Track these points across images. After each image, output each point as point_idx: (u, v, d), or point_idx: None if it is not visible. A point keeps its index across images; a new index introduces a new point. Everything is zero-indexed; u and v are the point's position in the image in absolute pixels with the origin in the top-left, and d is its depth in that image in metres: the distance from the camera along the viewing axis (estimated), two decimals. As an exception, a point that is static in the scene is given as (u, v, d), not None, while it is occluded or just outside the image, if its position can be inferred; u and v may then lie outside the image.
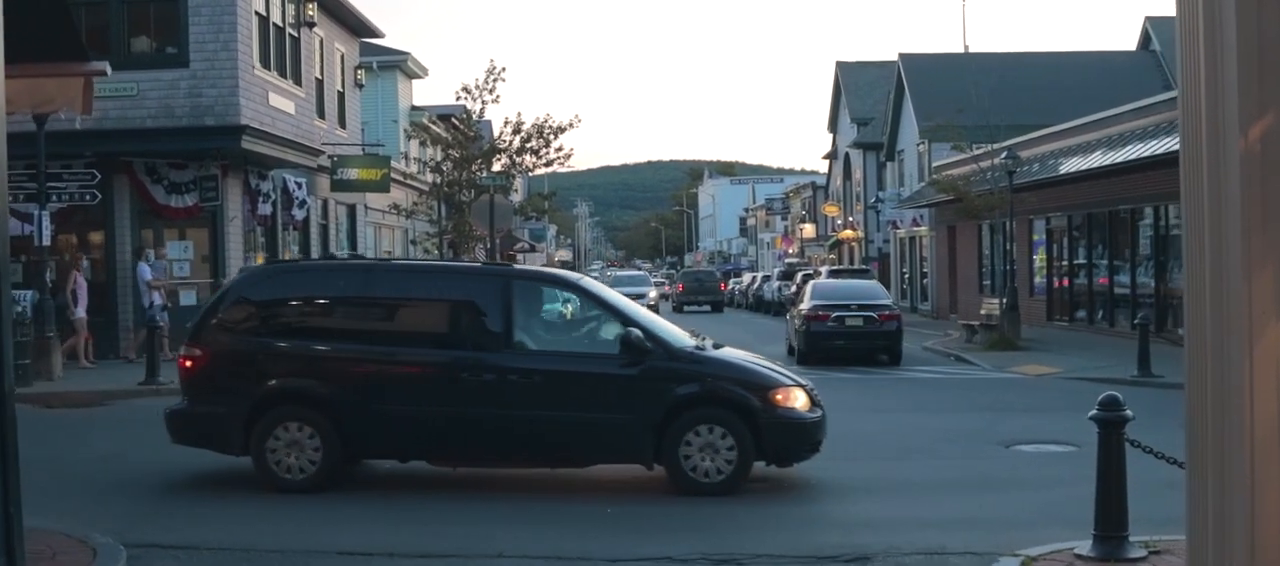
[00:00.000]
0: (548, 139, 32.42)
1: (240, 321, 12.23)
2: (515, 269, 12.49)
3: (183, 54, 23.89)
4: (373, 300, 12.34)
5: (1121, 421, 8.60)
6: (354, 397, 11.69)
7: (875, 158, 62.28)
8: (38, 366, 20.68)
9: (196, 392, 12.16)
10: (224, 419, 11.87)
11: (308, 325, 12.37)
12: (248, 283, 12.88)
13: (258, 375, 11.93)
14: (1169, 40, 53.91)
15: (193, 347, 12.14)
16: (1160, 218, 29.89)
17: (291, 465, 11.66)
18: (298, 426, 11.66)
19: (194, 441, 12.35)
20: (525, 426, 11.69)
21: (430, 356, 11.95)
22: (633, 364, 11.67)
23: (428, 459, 12.23)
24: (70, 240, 25.52)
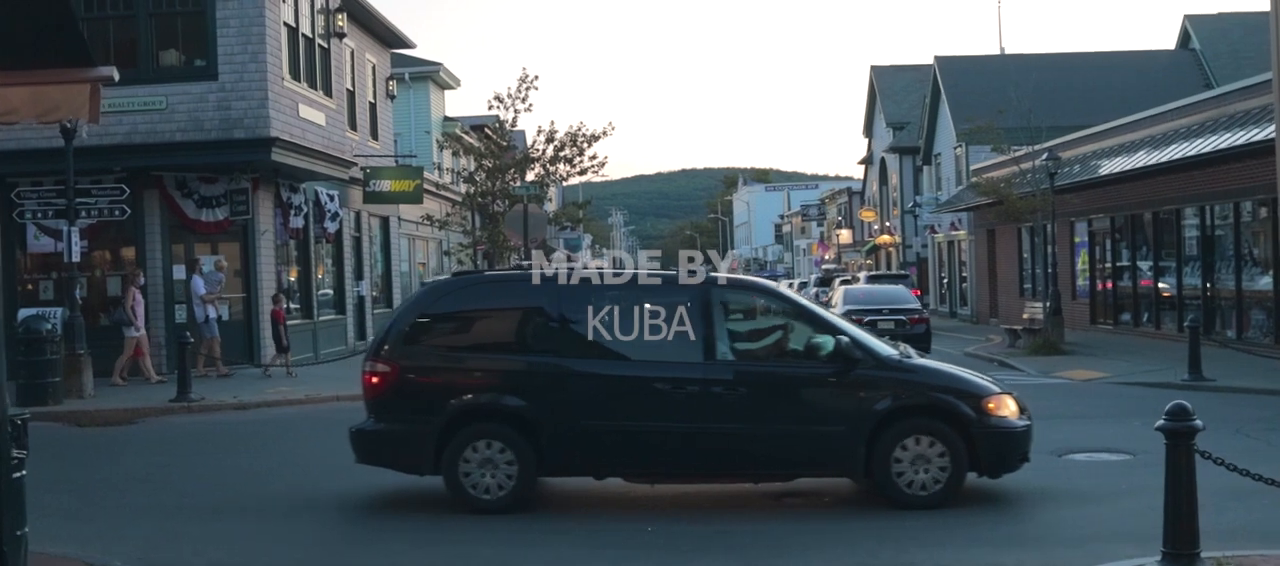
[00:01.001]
0: (581, 147, 32.03)
1: (427, 335, 11.78)
2: (715, 275, 12.02)
3: (211, 66, 23.64)
4: (564, 310, 11.73)
5: (1191, 431, 8.13)
6: (550, 413, 11.27)
7: (911, 162, 61.76)
8: (68, 384, 20.50)
9: (384, 411, 11.65)
10: (413, 437, 11.43)
11: (499, 338, 11.91)
12: (434, 295, 12.36)
13: (449, 391, 11.45)
14: (1208, 38, 53.28)
15: (378, 364, 11.63)
16: (1206, 218, 29.27)
17: (488, 484, 11.22)
18: (490, 444, 11.25)
19: (381, 461, 11.87)
20: (729, 440, 11.28)
21: (629, 368, 11.53)
22: (841, 373, 11.26)
23: (624, 475, 11.77)
24: (104, 256, 25.38)
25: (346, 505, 12.10)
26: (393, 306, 35.21)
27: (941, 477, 11.09)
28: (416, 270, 39.98)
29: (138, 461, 15.37)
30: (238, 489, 13.11)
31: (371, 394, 11.71)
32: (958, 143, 50.72)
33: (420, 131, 42.97)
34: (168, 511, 11.89)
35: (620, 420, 11.31)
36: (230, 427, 18.45)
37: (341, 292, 30.99)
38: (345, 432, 17.81)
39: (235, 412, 20.05)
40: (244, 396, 21.11)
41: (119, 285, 25.17)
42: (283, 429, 18.25)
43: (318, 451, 16.16)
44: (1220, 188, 27.83)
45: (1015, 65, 48.01)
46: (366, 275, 33.10)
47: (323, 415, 19.98)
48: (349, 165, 28.74)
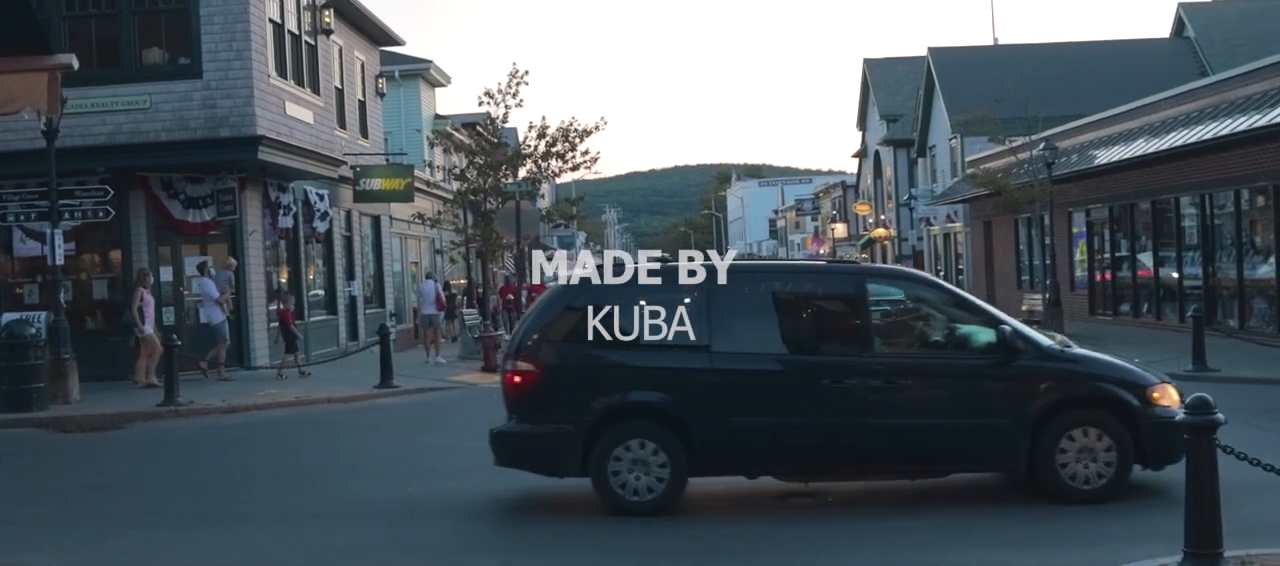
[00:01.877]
0: (574, 142, 31.65)
1: (572, 332, 11.23)
2: (869, 266, 11.65)
3: (196, 64, 23.20)
4: (714, 304, 11.26)
5: (1213, 425, 7.78)
6: (703, 410, 10.85)
7: (906, 154, 61.43)
8: (54, 389, 20.08)
9: (528, 411, 11.14)
10: (561, 438, 10.93)
11: (646, 332, 11.17)
12: (578, 289, 11.63)
13: (597, 389, 11.00)
14: (1203, 26, 53.01)
15: (521, 362, 11.12)
16: (1206, 206, 28.97)
17: (638, 485, 10.79)
18: (641, 444, 10.81)
19: (525, 464, 11.43)
20: (889, 434, 10.89)
21: (785, 362, 11.13)
22: (1002, 364, 10.88)
23: (778, 474, 11.36)
24: (93, 259, 24.99)
25: (333, 511, 11.72)
26: (385, 306, 34.86)
27: (1107, 472, 10.73)
28: (409, 269, 39.61)
29: (122, 468, 14.98)
30: (224, 495, 12.73)
31: (514, 394, 11.19)
32: (952, 134, 50.42)
33: (411, 130, 42.61)
34: (151, 520, 11.49)
35: (776, 417, 10.91)
36: (219, 432, 18.08)
37: (333, 293, 30.62)
38: (335, 434, 17.74)
39: (224, 416, 19.66)
40: (233, 399, 20.74)
41: (106, 288, 24.86)
42: (272, 432, 17.90)
43: (307, 455, 15.84)
44: (1220, 175, 27.53)
45: (1009, 56, 47.80)
46: (358, 275, 32.71)
47: (313, 418, 19.67)
48: (338, 164, 28.35)
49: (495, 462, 11.46)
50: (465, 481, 13.03)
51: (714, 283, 11.39)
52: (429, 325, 30.88)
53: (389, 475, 13.69)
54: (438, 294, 31.44)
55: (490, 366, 26.71)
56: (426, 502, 11.98)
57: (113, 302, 24.62)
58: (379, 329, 24.55)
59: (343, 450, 16.29)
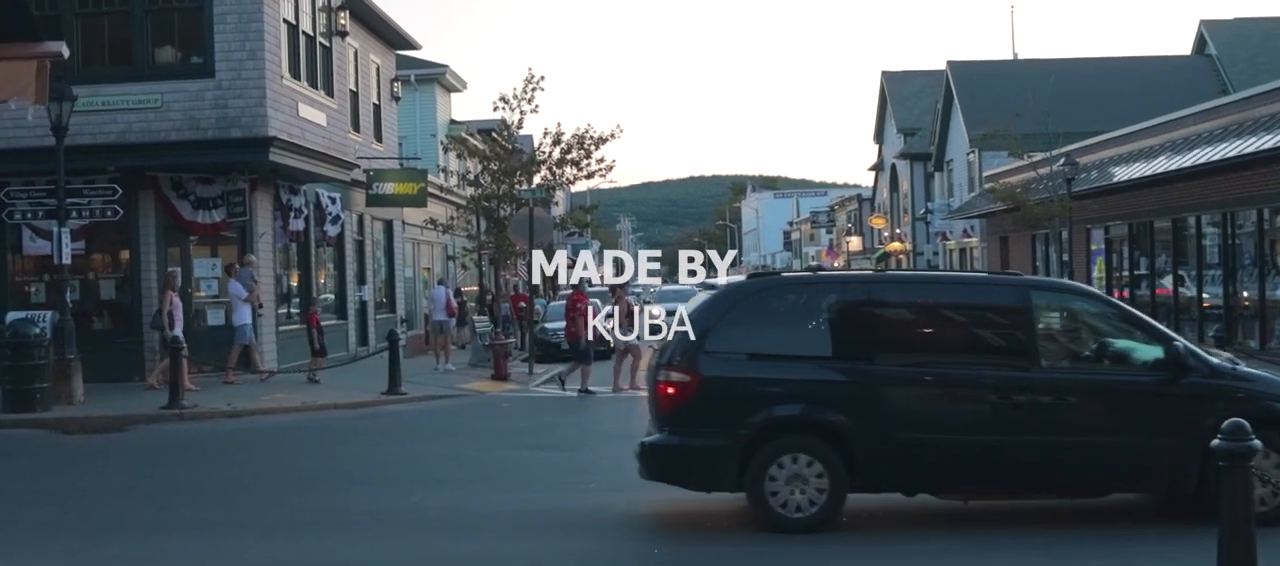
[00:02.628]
0: (589, 150, 31.34)
1: (728, 342, 10.77)
2: (1033, 278, 11.25)
3: (208, 64, 22.95)
4: (877, 315, 11.04)
5: (1249, 452, 7.45)
6: (863, 425, 10.46)
7: (923, 168, 61.04)
8: (58, 390, 19.85)
9: (681, 424, 10.69)
10: (716, 452, 10.52)
11: (804, 344, 10.91)
12: (733, 298, 11.22)
13: (754, 401, 10.57)
14: (1225, 44, 52.58)
15: (675, 373, 10.67)
16: (1228, 225, 28.58)
17: (798, 502, 10.37)
18: (797, 458, 10.42)
19: (675, 478, 10.99)
20: (1055, 452, 10.53)
21: (950, 377, 10.77)
22: (1171, 381, 10.51)
23: (938, 491, 10.98)
24: (104, 259, 24.76)
25: (333, 521, 11.41)
26: (396, 312, 34.59)
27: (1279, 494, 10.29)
28: (421, 275, 39.35)
29: (123, 471, 14.70)
30: (221, 502, 12.43)
31: (667, 406, 10.75)
32: (970, 148, 50.05)
33: (426, 134, 42.32)
34: (146, 526, 11.20)
35: (939, 432, 10.54)
36: (222, 436, 17.83)
37: (343, 297, 30.35)
38: (339, 441, 17.46)
39: (228, 420, 19.40)
40: (238, 403, 20.49)
41: (114, 288, 24.60)
42: (276, 438, 17.64)
43: (310, 462, 15.56)
44: (1243, 193, 27.14)
45: (1029, 70, 47.37)
46: (369, 280, 32.46)
47: (319, 424, 19.41)
48: (351, 167, 28.09)
49: (643, 476, 11.05)
50: (472, 493, 12.76)
51: (875, 290, 11.12)
52: (440, 331, 30.61)
53: (394, 484, 13.42)
54: (449, 300, 31.18)
55: (500, 374, 26.43)
56: (432, 514, 11.68)
57: (120, 303, 24.39)
58: (388, 334, 24.29)
59: (347, 457, 16.00)
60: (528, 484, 13.28)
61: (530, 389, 25.35)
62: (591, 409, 21.63)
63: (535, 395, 24.37)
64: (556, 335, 34.82)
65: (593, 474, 13.80)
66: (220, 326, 24.28)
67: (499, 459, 15.29)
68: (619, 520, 11.29)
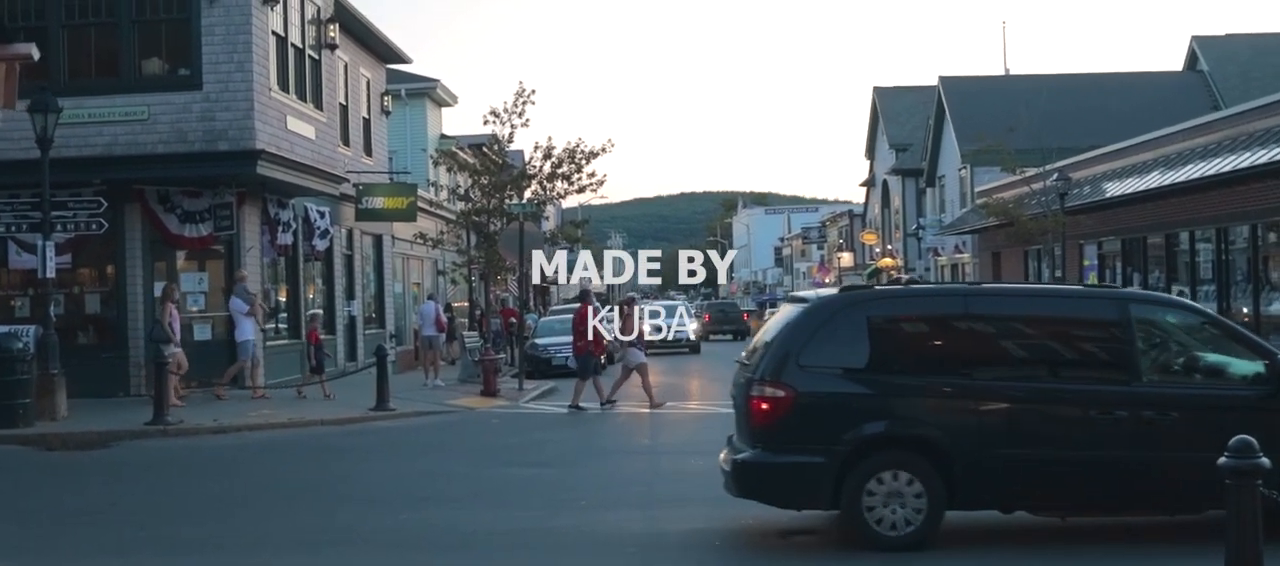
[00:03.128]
0: (580, 164, 31.21)
1: (823, 356, 10.53)
2: (1132, 291, 10.89)
3: (196, 76, 22.71)
4: (974, 328, 10.76)
5: (1256, 471, 7.24)
6: (961, 440, 10.21)
7: (914, 184, 61.00)
8: (41, 405, 19.59)
9: (776, 440, 10.42)
10: (812, 469, 10.24)
11: (901, 358, 10.70)
12: (826, 312, 10.99)
13: (852, 417, 10.32)
14: (1217, 60, 52.63)
15: (770, 388, 10.41)
16: (1223, 240, 28.46)
17: (895, 520, 10.11)
18: (897, 475, 10.16)
19: (769, 496, 10.73)
20: (1155, 468, 10.27)
21: (1049, 392, 10.50)
22: (1275, 395, 10.23)
23: (1035, 508, 10.73)
24: (91, 274, 24.50)
25: (317, 540, 11.17)
26: (386, 327, 34.33)
27: None
28: (411, 290, 39.12)
29: (103, 489, 14.43)
30: (203, 521, 12.17)
31: (761, 421, 10.46)
32: (963, 164, 49.98)
33: (416, 149, 42.13)
34: (125, 546, 10.94)
35: (1037, 448, 10.28)
36: (207, 453, 17.58)
37: (332, 312, 30.09)
38: (326, 458, 17.20)
39: (213, 436, 19.16)
40: (225, 419, 20.24)
41: (99, 303, 24.34)
42: (261, 455, 17.39)
43: (295, 480, 15.30)
44: (1236, 209, 27.02)
45: (1021, 86, 47.37)
46: (359, 295, 32.20)
47: (305, 440, 19.17)
48: (340, 181, 27.86)
49: (735, 493, 10.81)
50: (460, 511, 12.54)
51: (970, 302, 10.92)
52: (429, 347, 30.38)
53: (380, 502, 13.17)
54: (438, 315, 30.94)
55: (490, 390, 26.20)
56: (418, 533, 11.44)
57: (106, 317, 24.13)
58: (376, 350, 24.04)
59: (333, 475, 15.73)
60: (517, 501, 13.06)
61: (520, 405, 25.12)
62: (582, 425, 21.42)
63: (525, 411, 24.14)
64: (547, 350, 34.68)
65: (583, 491, 13.59)
66: (207, 341, 24.00)
67: (488, 476, 15.06)
68: (611, 539, 11.04)
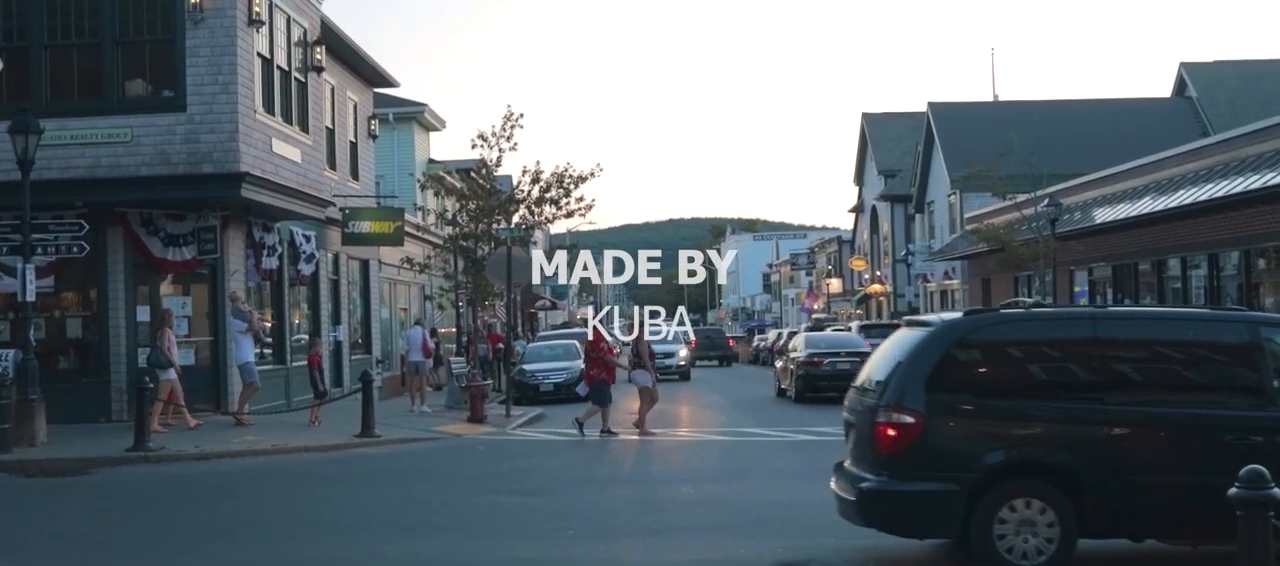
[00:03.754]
0: (568, 189, 31.00)
1: (951, 381, 10.33)
2: (1262, 315, 10.60)
3: (180, 97, 22.40)
4: (1103, 353, 10.47)
5: (1268, 502, 7.00)
6: (1092, 467, 9.94)
7: (903, 210, 60.93)
8: (19, 431, 19.28)
9: (904, 467, 10.12)
10: (942, 498, 9.97)
11: (1029, 383, 10.51)
12: (954, 334, 10.74)
13: (982, 443, 10.08)
14: (1205, 86, 52.70)
15: (898, 414, 10.13)
16: (1214, 266, 28.32)
17: (1026, 549, 9.84)
18: (1029, 503, 9.89)
19: (897, 526, 10.48)
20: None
21: (1182, 417, 10.24)
22: None
23: (1166, 537, 10.44)
24: (74, 298, 24.17)
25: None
26: (372, 353, 33.99)
27: None
28: (397, 315, 38.80)
29: (79, 517, 14.09)
30: (179, 552, 11.87)
31: (890, 448, 10.17)
32: (952, 190, 49.90)
33: (403, 173, 41.88)
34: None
35: (1169, 475, 10.02)
36: (188, 480, 17.24)
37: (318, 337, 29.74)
38: (309, 485, 16.87)
39: (195, 463, 18.84)
40: (207, 446, 19.91)
41: (81, 327, 24.02)
42: (243, 483, 17.04)
43: (277, 508, 14.96)
44: (1228, 234, 26.91)
45: (1010, 112, 47.33)
46: (345, 320, 31.88)
47: (289, 467, 18.85)
48: (326, 205, 27.58)
49: (860, 522, 10.51)
50: (445, 541, 12.26)
51: (1100, 325, 10.67)
52: (416, 372, 30.07)
53: (363, 531, 12.87)
54: (425, 340, 30.64)
55: (477, 416, 25.91)
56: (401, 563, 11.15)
57: (87, 342, 23.80)
58: (361, 375, 23.72)
59: (316, 503, 15.40)
60: (503, 530, 12.75)
61: (507, 431, 24.82)
62: (570, 452, 21.13)
63: (512, 438, 23.84)
64: (535, 376, 34.43)
65: (571, 520, 13.31)
66: (189, 366, 23.64)
67: (473, 504, 14.76)
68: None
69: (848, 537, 11.95)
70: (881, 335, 42.72)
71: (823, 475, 17.03)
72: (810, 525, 12.72)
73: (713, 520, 13.24)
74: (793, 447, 21.19)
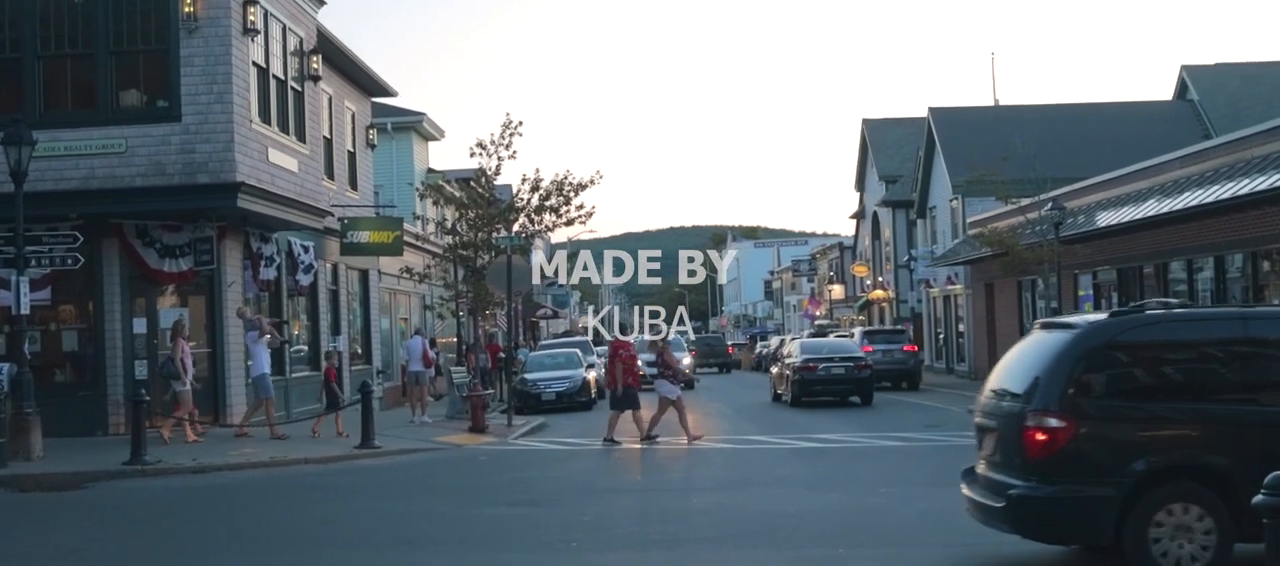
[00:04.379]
0: (568, 196, 30.76)
1: (1101, 383, 10.18)
2: None
3: (174, 107, 22.18)
4: (1255, 352, 10.30)
5: (1296, 508, 6.76)
6: (1251, 468, 9.44)
7: (905, 215, 60.62)
8: (15, 445, 19.09)
9: (1055, 473, 9.90)
10: (1095, 503, 9.76)
11: (1180, 384, 10.31)
12: (1102, 335, 10.49)
13: (1136, 447, 9.89)
14: (1207, 89, 52.43)
15: (1049, 418, 9.90)
16: (1220, 268, 28.08)
17: (1181, 555, 9.65)
18: (1186, 508, 9.68)
19: (1048, 533, 10.31)
20: None
21: None
22: None
23: None
24: (71, 311, 23.96)
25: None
26: (372, 363, 33.74)
27: None
28: (398, 325, 38.57)
29: (70, 533, 13.81)
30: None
31: (1040, 453, 9.94)
32: (953, 195, 49.63)
33: (402, 183, 41.65)
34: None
35: None
36: (185, 494, 17.01)
37: (317, 349, 29.53)
38: (308, 498, 16.62)
39: (193, 477, 18.61)
40: (205, 459, 19.67)
41: (76, 340, 23.81)
42: (240, 496, 16.81)
43: (274, 522, 14.69)
44: (1234, 237, 26.67)
45: (1011, 116, 47.05)
46: (344, 330, 31.65)
47: (287, 480, 18.60)
48: (324, 214, 27.34)
49: (1007, 528, 10.28)
50: (445, 554, 12.03)
51: (1252, 328, 10.45)
52: (416, 382, 29.83)
53: (362, 546, 12.61)
54: (425, 350, 30.40)
55: (478, 426, 25.68)
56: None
57: (83, 355, 23.59)
58: (361, 386, 23.51)
59: (314, 516, 15.16)
60: (505, 543, 12.51)
61: (509, 441, 24.58)
62: (572, 462, 20.91)
63: (514, 448, 23.60)
64: (536, 386, 34.19)
65: (574, 531, 13.07)
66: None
67: (475, 516, 14.52)
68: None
69: (854, 546, 11.77)
70: (885, 341, 43.73)
71: (827, 484, 16.97)
72: (817, 535, 12.51)
73: (718, 531, 13.01)
74: (796, 455, 20.94)
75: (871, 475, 17.83)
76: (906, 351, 43.20)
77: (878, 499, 15.26)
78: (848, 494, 15.79)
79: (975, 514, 10.68)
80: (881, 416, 29.29)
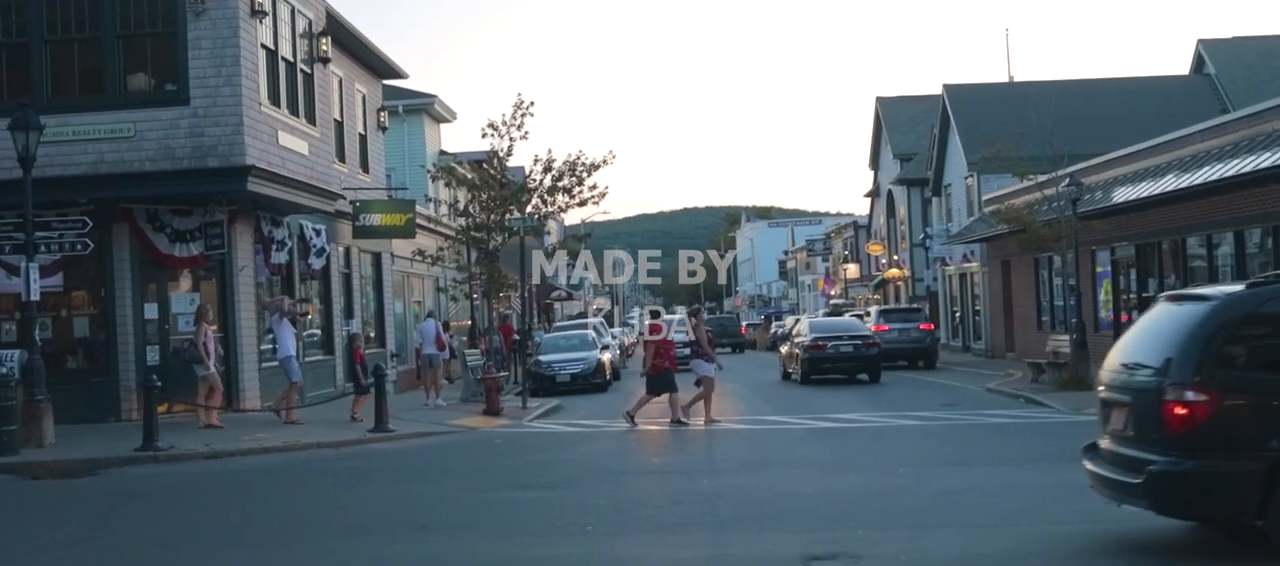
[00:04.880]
0: (581, 177, 30.52)
1: (1243, 355, 9.91)
2: None
3: (183, 91, 22.03)
4: None
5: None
6: None
7: (919, 193, 60.31)
8: (26, 433, 18.98)
9: (1197, 448, 9.60)
10: (1239, 477, 9.49)
11: None
12: (1242, 309, 10.12)
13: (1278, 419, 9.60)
14: (1223, 63, 51.98)
15: (1190, 392, 9.60)
16: (1242, 243, 27.75)
17: None
18: None
19: (1192, 510, 10.06)
20: None
21: None
22: None
23: None
24: (83, 296, 23.84)
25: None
26: (386, 346, 33.61)
27: None
28: (411, 308, 38.44)
29: (81, 521, 13.65)
30: (186, 556, 11.48)
31: (1182, 428, 9.63)
32: (969, 172, 49.30)
33: (414, 165, 41.52)
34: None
35: None
36: (198, 480, 16.88)
37: (330, 332, 29.42)
38: (321, 483, 16.46)
39: (206, 462, 18.50)
40: (217, 444, 19.55)
41: (88, 326, 23.71)
42: (254, 482, 16.67)
43: (288, 508, 14.55)
44: (1255, 211, 26.33)
45: (1025, 92, 46.64)
46: (357, 313, 31.53)
47: (301, 465, 18.47)
48: (335, 197, 27.17)
49: (1144, 505, 9.96)
50: (459, 539, 11.85)
51: None
52: (430, 365, 29.70)
53: (376, 531, 12.45)
54: (439, 333, 30.26)
55: (493, 409, 25.54)
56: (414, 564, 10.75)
57: (94, 341, 23.50)
58: (374, 369, 23.37)
59: (328, 501, 15.01)
60: (519, 527, 12.33)
61: (524, 424, 24.44)
62: (588, 445, 20.75)
63: (529, 430, 23.46)
64: (551, 368, 34.11)
65: (589, 514, 12.89)
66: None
67: (489, 500, 14.35)
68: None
69: (874, 528, 11.58)
70: (901, 320, 43.73)
71: (845, 464, 16.78)
72: (835, 517, 12.33)
73: (735, 513, 12.82)
74: (814, 435, 20.77)
75: (890, 455, 17.65)
76: (923, 330, 43.51)
77: (897, 479, 15.06)
78: (867, 474, 15.60)
79: (1102, 490, 10.40)
80: (898, 395, 29.11)
